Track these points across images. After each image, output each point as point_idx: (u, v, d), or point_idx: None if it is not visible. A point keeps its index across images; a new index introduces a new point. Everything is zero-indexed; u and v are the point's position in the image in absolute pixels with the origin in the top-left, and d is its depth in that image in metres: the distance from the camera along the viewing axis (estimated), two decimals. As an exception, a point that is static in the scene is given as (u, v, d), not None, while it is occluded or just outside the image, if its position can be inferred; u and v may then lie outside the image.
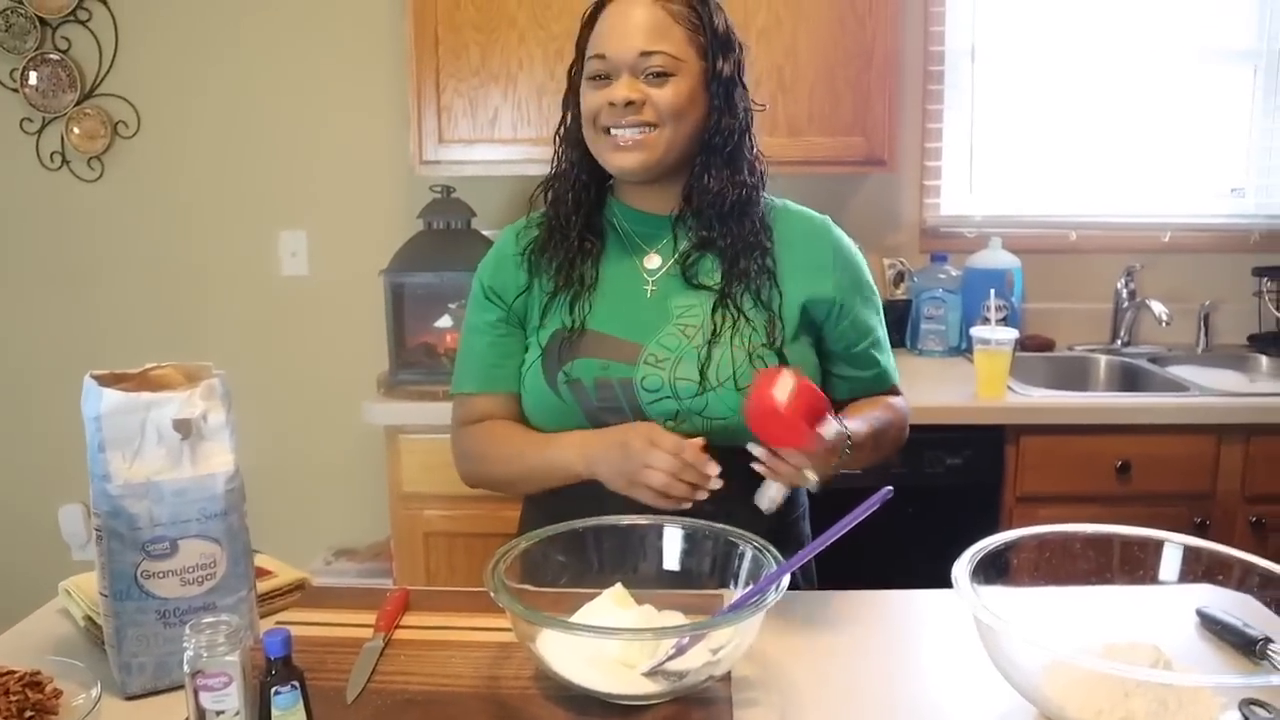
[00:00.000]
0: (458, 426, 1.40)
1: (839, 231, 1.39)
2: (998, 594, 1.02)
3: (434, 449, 2.26)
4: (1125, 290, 2.75)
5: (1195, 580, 1.11)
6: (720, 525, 1.08)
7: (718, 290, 1.30)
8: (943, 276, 2.69)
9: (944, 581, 1.32)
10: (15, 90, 2.76)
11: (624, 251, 1.37)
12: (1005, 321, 2.37)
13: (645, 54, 1.25)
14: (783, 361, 1.27)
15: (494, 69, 2.41)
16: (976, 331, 2.26)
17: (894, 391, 1.44)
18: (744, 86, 1.33)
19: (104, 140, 2.79)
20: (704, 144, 1.31)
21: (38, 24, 2.72)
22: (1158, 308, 2.57)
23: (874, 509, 0.94)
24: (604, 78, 1.28)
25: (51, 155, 2.81)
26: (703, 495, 1.14)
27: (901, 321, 2.74)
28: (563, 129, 1.37)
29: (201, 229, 2.86)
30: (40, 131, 2.80)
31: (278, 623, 1.15)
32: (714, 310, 1.29)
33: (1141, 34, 2.73)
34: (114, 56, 2.77)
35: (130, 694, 1.02)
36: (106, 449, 1.00)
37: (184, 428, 1.01)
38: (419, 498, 2.31)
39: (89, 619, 1.15)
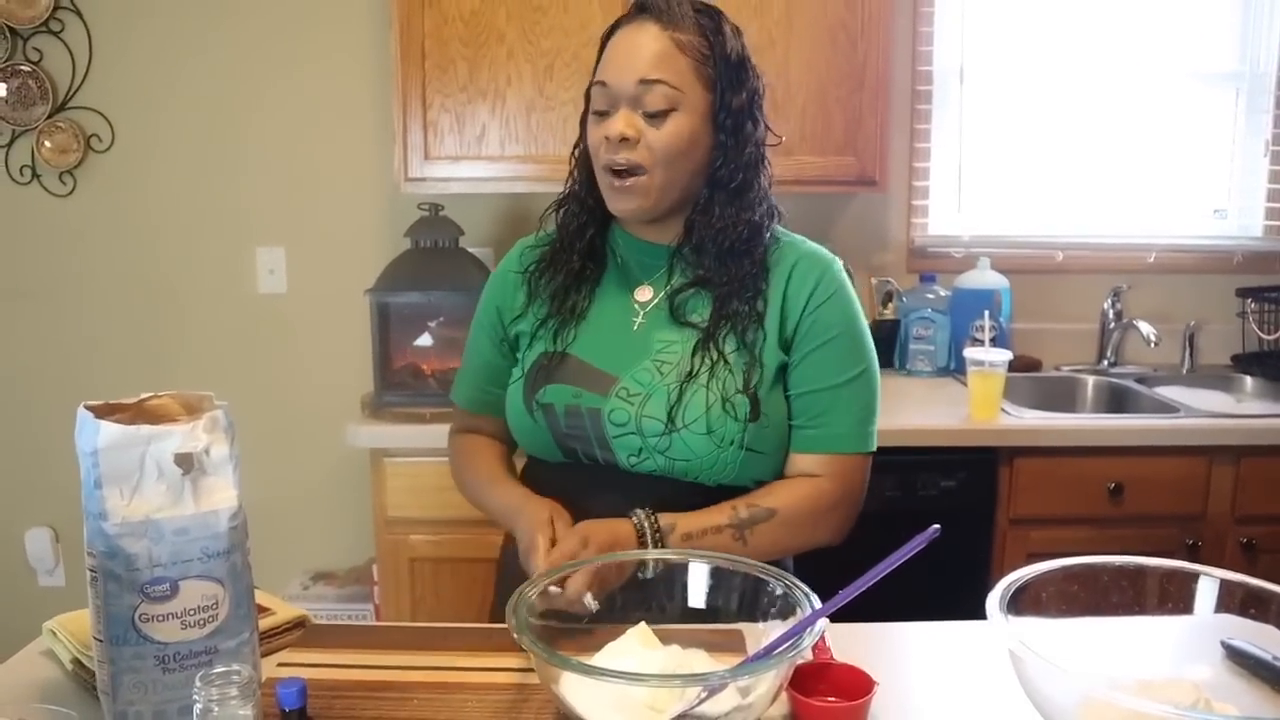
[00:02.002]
0: (452, 431, 1.49)
1: (835, 271, 1.32)
2: (1024, 625, 0.99)
3: (420, 472, 2.22)
4: (1112, 311, 2.76)
5: (1219, 611, 1.09)
6: (747, 561, 1.05)
7: (703, 329, 1.27)
8: (931, 296, 2.68)
9: (940, 606, 1.31)
10: (-17, 102, 2.68)
11: (620, 280, 1.35)
12: (994, 342, 2.37)
13: (644, 83, 1.22)
14: (755, 407, 1.24)
15: (482, 85, 2.37)
16: (970, 353, 2.25)
17: (844, 461, 1.32)
18: (758, 119, 1.29)
19: (76, 154, 2.71)
20: (710, 178, 1.28)
21: (8, 34, 2.64)
22: (1146, 328, 2.58)
23: (920, 549, 0.90)
24: (604, 110, 1.25)
25: (21, 169, 2.73)
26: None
27: (890, 342, 2.73)
28: (578, 150, 1.34)
29: (177, 245, 2.78)
30: (10, 145, 2.71)
31: (280, 664, 1.10)
32: (695, 350, 1.26)
33: (1126, 56, 2.76)
34: (87, 68, 2.69)
35: (126, 745, 0.96)
36: (104, 485, 0.94)
37: (186, 462, 0.96)
38: (404, 522, 2.25)
39: (77, 662, 1.09)
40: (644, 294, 1.33)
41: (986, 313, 2.34)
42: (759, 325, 1.27)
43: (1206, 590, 1.07)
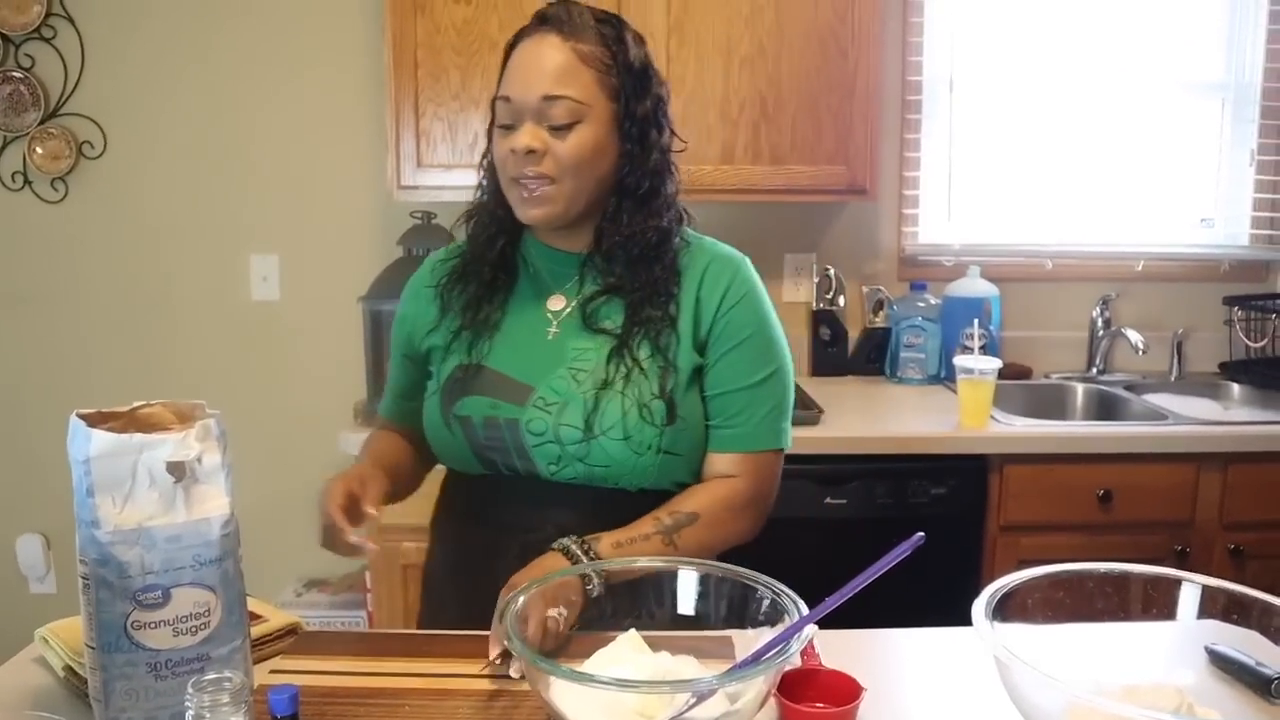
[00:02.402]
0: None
1: (746, 271, 1.35)
2: (1010, 632, 1.00)
3: (413, 480, 2.21)
4: (1101, 319, 2.78)
5: (1203, 616, 1.10)
6: (735, 568, 1.06)
7: (617, 336, 1.28)
8: (922, 305, 2.70)
9: (931, 613, 1.31)
10: (-24, 109, 2.68)
11: (533, 290, 1.36)
12: (984, 350, 2.38)
13: (548, 99, 1.23)
14: (670, 411, 1.25)
15: (474, 93, 2.38)
16: (960, 361, 2.26)
17: (758, 459, 1.33)
18: (663, 125, 1.31)
19: (68, 160, 2.71)
20: (617, 186, 1.29)
21: (0, 41, 2.64)
22: (1134, 336, 2.60)
23: (905, 555, 0.91)
24: (509, 124, 1.25)
25: (13, 175, 2.73)
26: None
27: (881, 350, 2.75)
28: (486, 160, 1.34)
29: (169, 252, 2.79)
30: (1, 151, 2.72)
31: (272, 671, 1.10)
32: (610, 357, 1.27)
33: (1114, 66, 2.78)
34: (80, 75, 2.70)
35: (117, 751, 0.96)
36: (96, 493, 0.94)
37: (178, 470, 0.96)
38: (397, 529, 2.25)
39: (69, 669, 1.09)
40: (557, 303, 1.34)
41: (976, 321, 2.36)
42: (672, 329, 1.29)
43: (1190, 596, 1.08)
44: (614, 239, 1.29)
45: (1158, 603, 1.11)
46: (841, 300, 2.77)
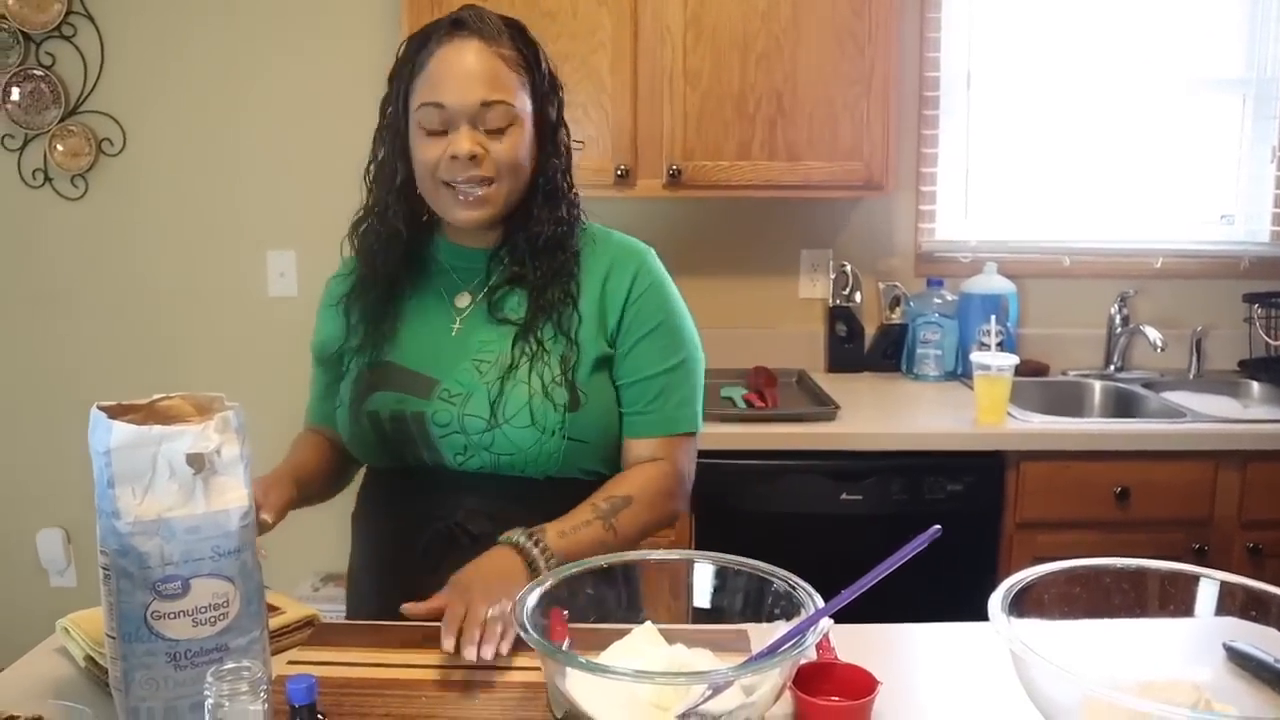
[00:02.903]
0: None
1: (651, 262, 1.39)
2: (1026, 627, 1.00)
3: (429, 475, 2.22)
4: (1119, 316, 2.76)
5: (1221, 613, 1.10)
6: (752, 561, 1.06)
7: (520, 324, 1.31)
8: (938, 301, 2.69)
9: (946, 610, 1.31)
10: (-3, 106, 2.71)
11: (440, 288, 1.39)
12: (1001, 346, 2.37)
13: (487, 104, 1.25)
14: (574, 394, 1.28)
15: (491, 90, 2.38)
16: (976, 357, 2.25)
17: (677, 442, 1.37)
18: (564, 122, 1.35)
19: (88, 158, 2.74)
20: (531, 185, 1.33)
21: (21, 39, 2.67)
22: (1153, 334, 2.58)
23: (922, 548, 0.91)
24: (440, 130, 1.26)
25: (34, 173, 2.76)
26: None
27: (897, 346, 2.74)
28: (372, 167, 1.36)
29: (187, 248, 2.81)
30: (22, 148, 2.74)
31: (290, 662, 1.11)
32: (514, 342, 1.30)
33: (1133, 62, 2.76)
34: (99, 72, 2.72)
35: (138, 740, 0.97)
36: (116, 484, 0.95)
37: (198, 462, 0.97)
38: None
39: (90, 659, 1.10)
40: (463, 300, 1.37)
41: (994, 317, 2.35)
42: (574, 309, 1.32)
43: (1207, 592, 1.07)
44: (522, 234, 1.32)
45: (1175, 599, 1.11)
46: (858, 297, 2.76)
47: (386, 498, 1.40)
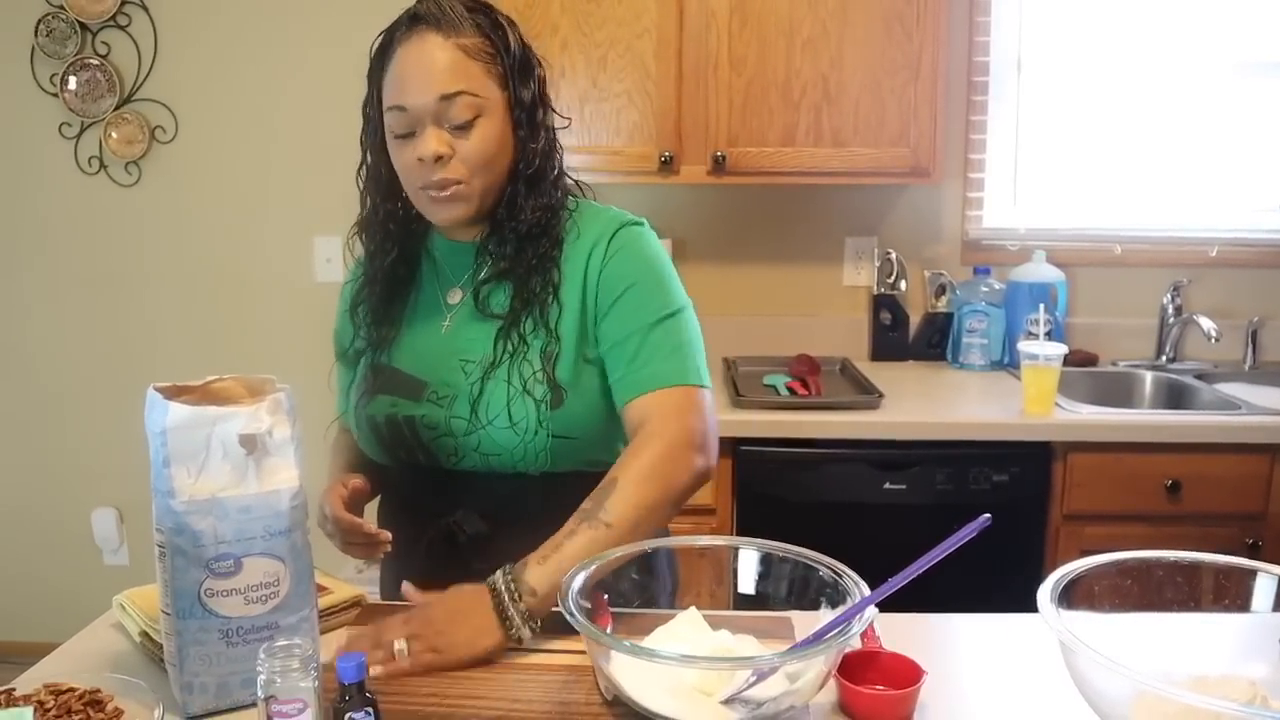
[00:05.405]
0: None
1: (623, 231, 1.30)
2: (1076, 619, 0.99)
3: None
4: (1171, 305, 2.71)
5: (1278, 609, 1.07)
6: (797, 549, 1.06)
7: (504, 319, 1.28)
8: (985, 290, 2.66)
9: (989, 599, 1.30)
10: (54, 95, 2.76)
11: (435, 285, 1.37)
12: (1049, 336, 2.34)
13: (446, 98, 1.20)
14: (555, 390, 1.24)
15: (536, 76, 2.38)
16: (1024, 346, 2.22)
17: (671, 396, 1.24)
18: (547, 104, 1.30)
19: (142, 145, 2.79)
20: (512, 173, 1.28)
21: (78, 29, 2.72)
22: (1206, 324, 2.53)
23: (971, 537, 0.90)
24: (408, 133, 1.23)
25: (89, 160, 2.81)
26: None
27: (943, 334, 2.71)
28: (364, 170, 1.34)
29: (237, 234, 2.85)
30: (79, 136, 2.80)
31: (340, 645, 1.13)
32: (496, 340, 1.26)
33: (1186, 47, 2.70)
34: (153, 61, 2.77)
35: (192, 714, 0.99)
36: (171, 464, 0.97)
37: (250, 443, 0.99)
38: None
39: (145, 635, 1.13)
40: (454, 296, 1.34)
41: (1042, 306, 2.31)
42: (554, 299, 1.27)
43: (1265, 587, 1.05)
44: (507, 225, 1.28)
45: (1230, 593, 1.08)
46: (903, 284, 2.73)
47: (394, 496, 1.41)
